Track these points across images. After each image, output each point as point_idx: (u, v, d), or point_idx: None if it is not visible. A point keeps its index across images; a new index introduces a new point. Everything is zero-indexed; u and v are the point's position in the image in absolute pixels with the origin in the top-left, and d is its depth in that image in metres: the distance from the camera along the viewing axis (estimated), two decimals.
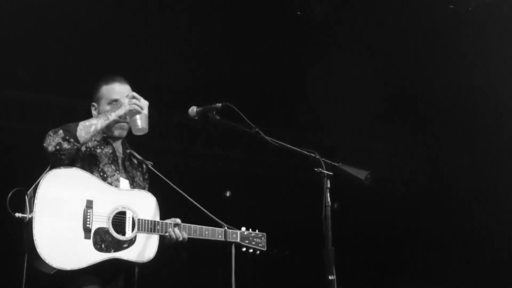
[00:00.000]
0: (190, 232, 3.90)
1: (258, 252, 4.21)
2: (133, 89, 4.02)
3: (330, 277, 3.25)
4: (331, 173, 3.44)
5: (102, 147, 3.86)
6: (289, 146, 3.61)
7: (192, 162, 8.27)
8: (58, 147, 3.52)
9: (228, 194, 9.15)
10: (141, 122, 3.81)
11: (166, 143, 7.97)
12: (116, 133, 3.92)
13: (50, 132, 3.59)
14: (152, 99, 3.97)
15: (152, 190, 4.01)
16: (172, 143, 8.17)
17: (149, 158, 4.15)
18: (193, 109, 3.88)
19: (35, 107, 7.64)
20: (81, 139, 3.60)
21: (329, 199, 3.38)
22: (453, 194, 8.68)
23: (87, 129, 3.64)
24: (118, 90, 3.96)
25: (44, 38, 6.68)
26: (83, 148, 3.72)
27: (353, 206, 8.36)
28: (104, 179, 3.75)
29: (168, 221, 3.86)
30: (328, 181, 3.42)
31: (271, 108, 7.86)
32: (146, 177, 4.09)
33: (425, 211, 8.87)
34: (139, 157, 4.08)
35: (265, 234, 4.26)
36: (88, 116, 3.89)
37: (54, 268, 3.40)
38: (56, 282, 3.48)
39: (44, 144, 3.56)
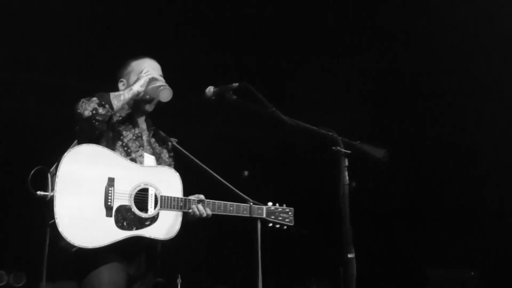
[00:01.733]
0: (214, 208, 3.90)
1: (285, 227, 4.18)
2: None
3: (349, 255, 3.27)
4: (348, 152, 3.45)
5: (126, 123, 3.88)
6: (306, 125, 3.61)
7: (208, 142, 8.28)
8: (94, 112, 3.55)
9: (246, 174, 9.17)
10: (163, 85, 3.84)
11: (183, 124, 7.99)
12: (146, 107, 3.96)
13: (83, 100, 3.62)
14: (168, 80, 3.98)
15: (177, 167, 4.01)
16: (189, 123, 8.18)
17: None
18: (210, 89, 3.88)
19: (57, 89, 7.67)
20: (115, 106, 3.64)
21: (347, 178, 3.39)
22: (472, 172, 8.62)
23: (118, 97, 3.68)
24: (148, 63, 4.01)
25: (62, 19, 6.70)
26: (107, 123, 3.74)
27: (370, 184, 8.34)
28: (128, 154, 3.77)
29: (191, 197, 3.86)
30: (346, 160, 3.43)
31: (285, 86, 7.84)
32: (171, 154, 4.10)
33: (444, 188, 8.84)
34: (163, 134, 4.10)
35: (292, 209, 4.24)
36: None
37: (75, 247, 3.41)
38: (78, 258, 3.51)
39: (79, 110, 3.57)
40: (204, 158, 4.10)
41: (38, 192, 3.47)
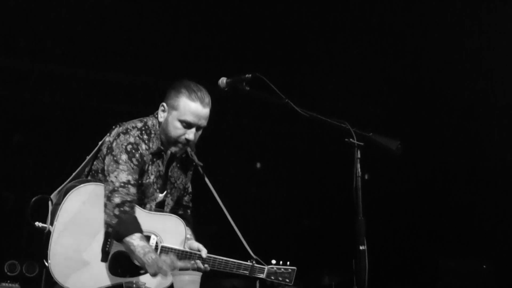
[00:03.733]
0: (214, 264, 3.71)
1: (283, 285, 3.97)
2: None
3: (361, 247, 3.26)
4: (361, 144, 3.43)
5: (154, 159, 3.69)
6: (319, 116, 3.58)
7: (222, 133, 8.28)
8: (106, 220, 3.42)
9: (258, 165, 9.17)
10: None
11: None
12: (173, 150, 3.72)
13: (115, 212, 3.40)
14: (181, 71, 3.96)
15: (194, 189, 3.98)
16: None
17: None
18: (223, 80, 3.85)
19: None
20: (117, 238, 3.43)
21: (359, 170, 3.37)
22: (485, 165, 8.59)
23: (127, 246, 3.41)
24: (197, 113, 3.65)
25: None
26: (135, 163, 3.56)
27: (383, 176, 8.33)
28: (141, 200, 3.63)
29: (195, 245, 3.73)
30: (359, 152, 3.41)
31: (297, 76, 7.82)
32: (190, 173, 3.96)
33: (459, 180, 8.80)
34: (191, 156, 3.90)
35: (295, 268, 3.99)
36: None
37: (62, 285, 3.38)
38: None
39: (106, 207, 3.42)
40: (216, 149, 4.08)
41: (37, 224, 3.42)
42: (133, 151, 3.56)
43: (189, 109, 3.63)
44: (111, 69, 7.52)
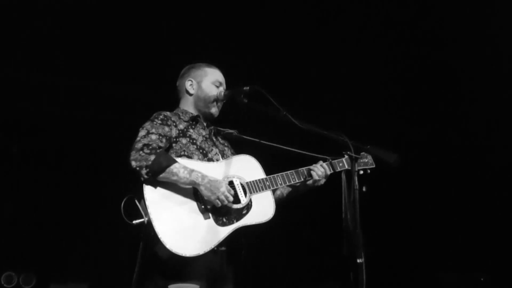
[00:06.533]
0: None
1: (369, 171, 4.13)
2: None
3: (358, 260, 3.26)
4: (359, 156, 3.44)
5: (193, 126, 3.88)
6: (317, 129, 3.61)
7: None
8: (137, 169, 3.47)
9: None
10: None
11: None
12: (213, 110, 4.00)
13: (144, 151, 3.52)
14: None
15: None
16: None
17: None
18: (220, 93, 3.89)
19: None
20: (157, 176, 3.51)
21: (357, 182, 3.38)
22: (484, 175, 8.57)
23: (169, 176, 3.51)
24: (220, 74, 4.09)
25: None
26: (176, 132, 3.75)
27: (381, 188, 8.30)
28: (205, 155, 3.77)
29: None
30: (356, 164, 3.42)
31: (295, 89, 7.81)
32: (233, 151, 4.13)
33: (456, 192, 8.78)
34: (223, 130, 4.11)
35: (364, 153, 4.12)
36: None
37: (186, 256, 3.41)
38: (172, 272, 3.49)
39: (131, 157, 3.52)
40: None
41: (134, 221, 3.45)
42: (156, 115, 3.78)
43: (215, 71, 4.08)
44: (109, 79, 7.50)
